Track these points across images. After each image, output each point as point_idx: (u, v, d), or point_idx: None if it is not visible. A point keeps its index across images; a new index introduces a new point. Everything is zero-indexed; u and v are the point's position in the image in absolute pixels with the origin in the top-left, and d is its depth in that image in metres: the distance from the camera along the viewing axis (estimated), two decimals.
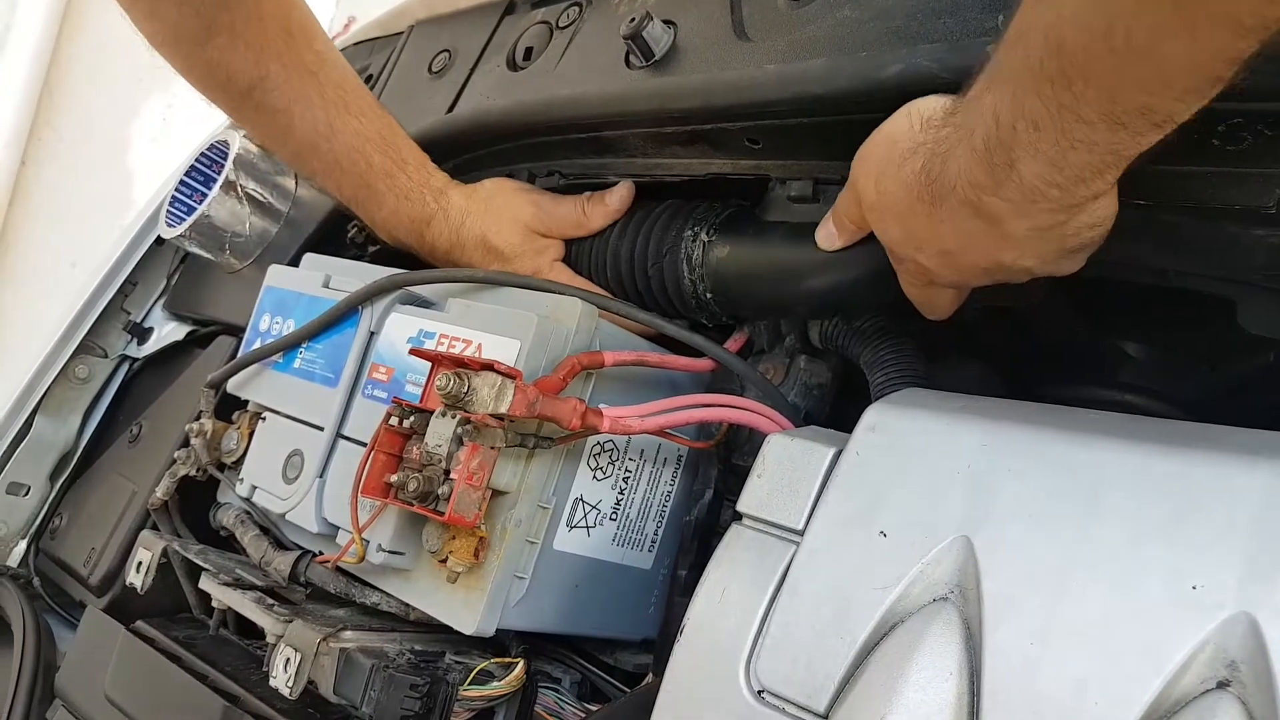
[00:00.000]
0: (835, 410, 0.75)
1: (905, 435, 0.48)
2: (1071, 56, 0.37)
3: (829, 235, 0.61)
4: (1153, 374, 0.72)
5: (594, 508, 0.69)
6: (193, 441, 0.84)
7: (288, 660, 0.64)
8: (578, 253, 0.80)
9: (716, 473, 0.76)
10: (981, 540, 0.43)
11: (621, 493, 0.70)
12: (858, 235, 0.59)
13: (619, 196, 0.76)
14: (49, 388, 1.08)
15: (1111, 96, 0.37)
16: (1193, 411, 0.69)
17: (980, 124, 0.42)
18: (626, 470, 0.70)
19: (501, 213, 0.79)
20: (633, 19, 0.65)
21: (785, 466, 0.51)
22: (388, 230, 0.83)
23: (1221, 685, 0.37)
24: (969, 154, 0.44)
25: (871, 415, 0.50)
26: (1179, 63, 0.35)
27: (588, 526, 0.68)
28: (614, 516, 0.70)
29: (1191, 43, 0.34)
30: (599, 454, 0.68)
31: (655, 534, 0.74)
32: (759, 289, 0.67)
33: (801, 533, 0.49)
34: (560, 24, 0.78)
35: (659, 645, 0.72)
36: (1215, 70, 0.35)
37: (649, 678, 0.70)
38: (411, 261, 0.86)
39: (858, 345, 0.69)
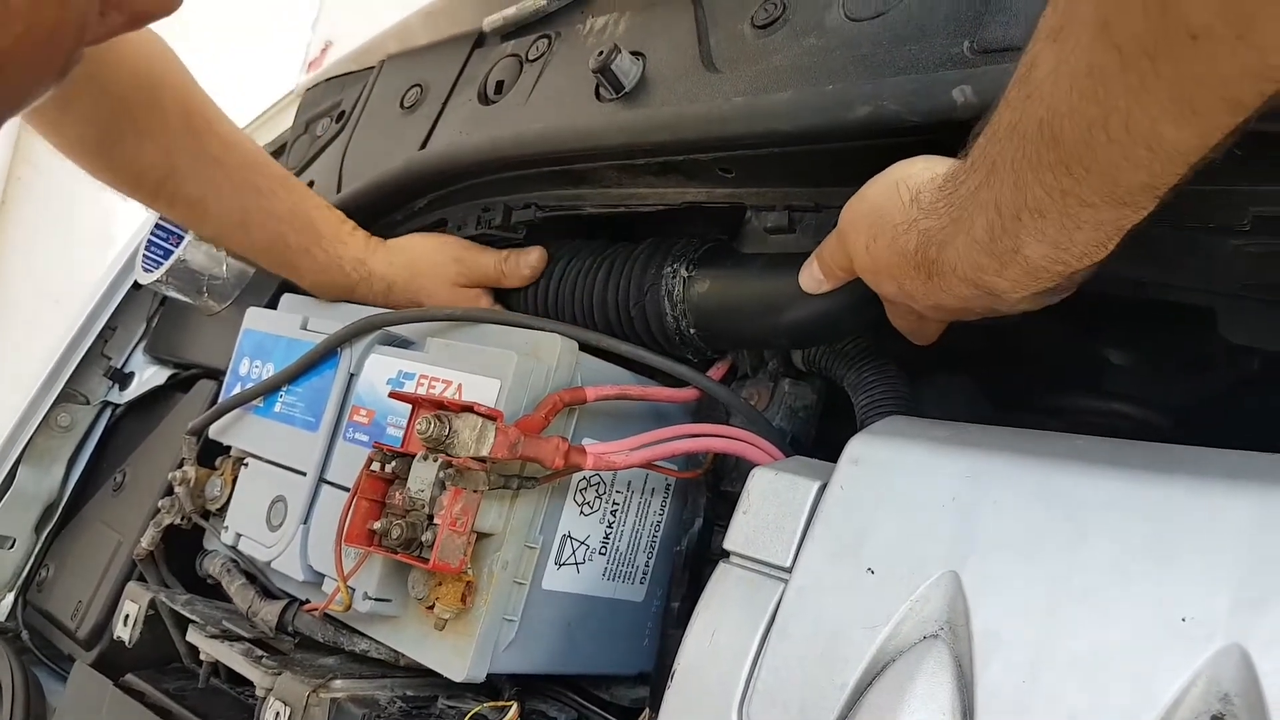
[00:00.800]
0: (821, 430, 0.75)
1: (889, 468, 0.48)
2: (1070, 148, 0.37)
3: (815, 281, 0.59)
4: (1136, 382, 0.71)
5: (582, 543, 0.68)
6: (176, 489, 0.83)
7: (278, 714, 0.63)
8: (552, 297, 0.79)
9: (705, 500, 0.76)
10: (969, 575, 0.43)
11: (610, 526, 0.70)
12: (845, 280, 0.58)
13: (536, 256, 0.80)
14: (32, 437, 1.07)
15: (1113, 180, 0.37)
16: (1177, 419, 0.69)
17: (981, 217, 0.42)
18: (614, 503, 0.70)
19: (426, 275, 0.82)
20: (601, 51, 0.65)
21: (770, 502, 0.51)
22: (321, 294, 0.86)
23: (1216, 719, 0.36)
24: (970, 243, 0.44)
25: (855, 447, 0.50)
26: (1177, 144, 0.35)
27: (577, 563, 0.68)
28: (603, 551, 0.70)
29: (1189, 126, 0.34)
30: (585, 489, 0.68)
31: (646, 566, 0.73)
32: (742, 321, 0.67)
33: (789, 570, 0.48)
34: (530, 56, 0.78)
35: (654, 679, 0.72)
36: (1214, 141, 0.35)
37: (645, 713, 0.69)
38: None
39: (841, 368, 0.68)
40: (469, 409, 0.58)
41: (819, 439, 0.74)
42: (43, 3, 0.35)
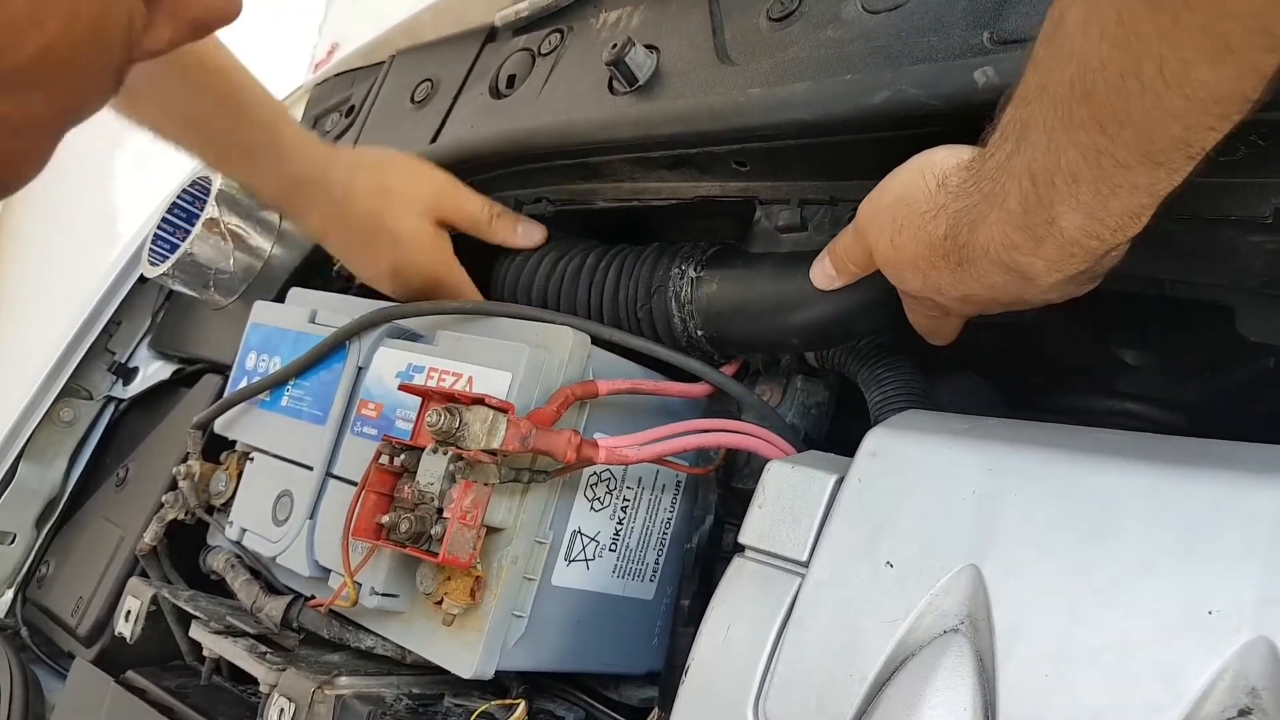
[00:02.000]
0: (834, 428, 0.74)
1: (908, 460, 0.47)
2: (1103, 101, 0.36)
3: (827, 276, 0.58)
4: (1151, 382, 0.71)
5: (593, 539, 0.67)
6: (180, 484, 0.82)
7: (282, 711, 0.62)
8: (555, 296, 0.77)
9: (716, 497, 0.75)
10: (990, 568, 0.42)
11: (620, 523, 0.69)
12: (858, 277, 0.57)
13: (540, 231, 0.75)
14: (33, 432, 1.06)
15: (1148, 135, 0.36)
16: (1194, 418, 0.69)
17: (1014, 187, 0.41)
18: (625, 499, 0.69)
19: (396, 192, 0.72)
20: (615, 45, 0.65)
21: (786, 496, 0.50)
22: (256, 181, 0.77)
23: (1243, 713, 0.35)
24: (1003, 218, 0.43)
25: (872, 440, 0.49)
26: (1212, 87, 0.34)
27: (587, 559, 0.67)
28: (613, 547, 0.69)
29: (1224, 66, 0.33)
30: (596, 484, 0.67)
31: (656, 563, 0.72)
32: (751, 322, 0.65)
33: (806, 564, 0.48)
34: (542, 51, 0.77)
35: (664, 679, 0.71)
36: (1247, 89, 0.34)
37: (655, 713, 0.69)
38: None
39: (855, 364, 0.68)
40: (480, 401, 0.58)
41: (832, 437, 0.74)
42: None
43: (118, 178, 2.80)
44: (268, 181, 0.74)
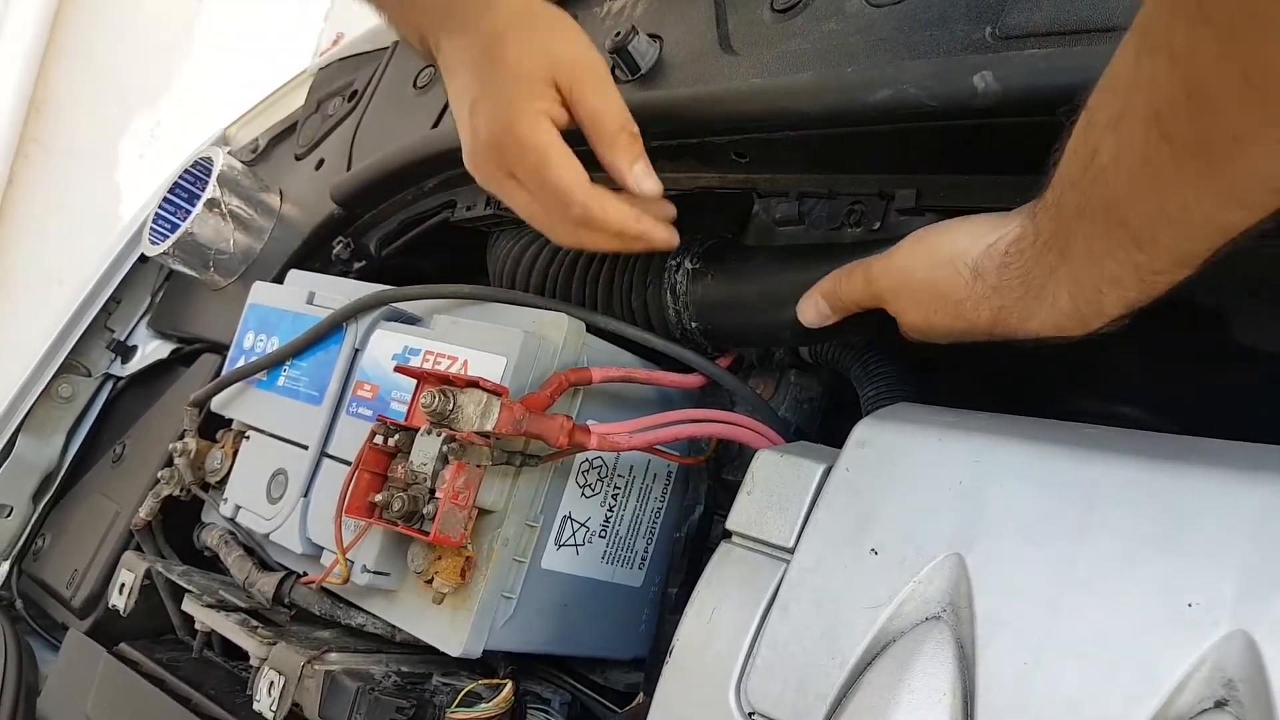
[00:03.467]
0: (826, 424, 0.75)
1: (896, 451, 0.48)
2: (1137, 229, 0.39)
3: (821, 316, 0.58)
4: (1142, 384, 0.71)
5: (583, 525, 0.68)
6: (176, 461, 0.83)
7: (272, 683, 0.63)
8: (551, 285, 0.76)
9: (706, 488, 0.75)
10: (974, 558, 0.42)
11: (610, 510, 0.70)
12: (852, 314, 0.57)
13: (652, 181, 0.60)
14: (32, 407, 1.07)
15: (1179, 251, 0.39)
16: (1184, 422, 0.69)
17: (1063, 291, 0.44)
18: (615, 487, 0.70)
19: (540, 30, 0.58)
20: (619, 32, 0.65)
21: (774, 483, 0.51)
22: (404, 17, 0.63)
23: (1219, 705, 0.36)
24: (1056, 314, 0.45)
25: (862, 430, 0.50)
26: (1237, 224, 0.37)
27: (576, 545, 0.67)
28: (603, 534, 0.69)
29: (1244, 211, 0.36)
30: (587, 471, 0.67)
31: (645, 551, 0.73)
32: (744, 316, 0.65)
33: (792, 551, 0.48)
34: None
35: (650, 664, 0.71)
36: (1270, 212, 0.37)
37: (640, 697, 0.69)
38: (399, 278, 0.85)
39: (848, 359, 0.68)
40: (474, 384, 0.58)
41: (824, 435, 0.74)
42: None
43: (121, 161, 2.80)
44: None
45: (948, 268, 0.49)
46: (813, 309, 0.59)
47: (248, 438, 0.79)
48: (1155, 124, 0.36)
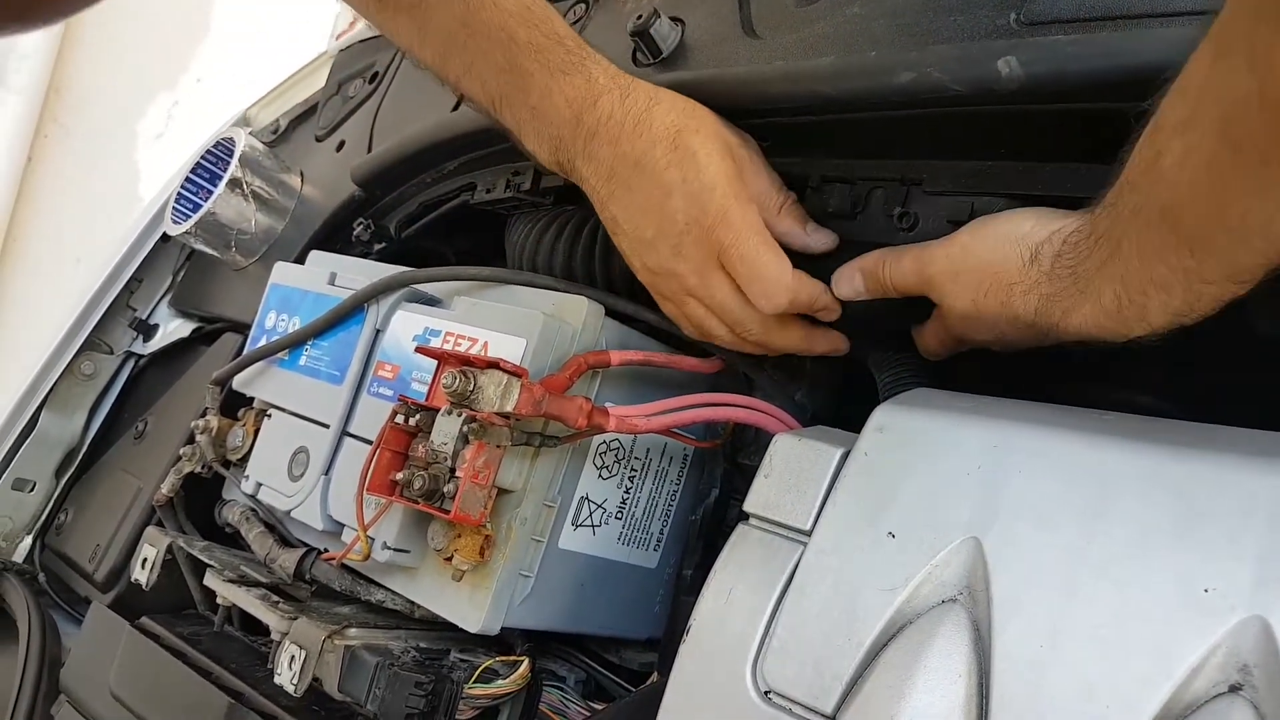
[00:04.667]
0: (843, 411, 0.75)
1: (914, 436, 0.48)
2: (1191, 233, 0.39)
3: (854, 290, 0.58)
4: (1160, 372, 0.71)
5: (599, 506, 0.68)
6: (198, 438, 0.84)
7: (293, 658, 0.64)
8: (563, 264, 0.77)
9: (722, 472, 0.76)
10: (991, 542, 0.43)
11: (627, 492, 0.70)
12: (888, 296, 0.57)
13: (827, 236, 0.61)
14: (55, 384, 1.08)
15: (1231, 264, 0.40)
16: (1201, 411, 0.69)
17: (1109, 288, 0.45)
18: (632, 469, 0.70)
19: (705, 119, 0.59)
20: (640, 16, 0.65)
21: (792, 467, 0.51)
22: (536, 131, 0.62)
23: (1234, 689, 0.36)
24: (1098, 311, 0.46)
25: (880, 415, 0.50)
26: None
27: (593, 525, 0.68)
28: (619, 515, 0.70)
29: None
30: (605, 453, 0.68)
31: (661, 533, 0.73)
32: None
33: (809, 533, 0.49)
34: (567, 21, 0.77)
35: (664, 644, 0.72)
36: None
37: (654, 677, 0.70)
38: (419, 260, 0.86)
39: (865, 346, 0.68)
40: (495, 365, 0.59)
41: (839, 422, 0.74)
42: None
43: (140, 141, 2.81)
44: (555, 105, 0.60)
45: (1009, 246, 0.49)
46: (848, 283, 0.59)
47: (269, 416, 0.80)
48: (1225, 129, 0.36)
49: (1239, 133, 0.35)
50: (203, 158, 1.02)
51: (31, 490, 1.08)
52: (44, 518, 1.08)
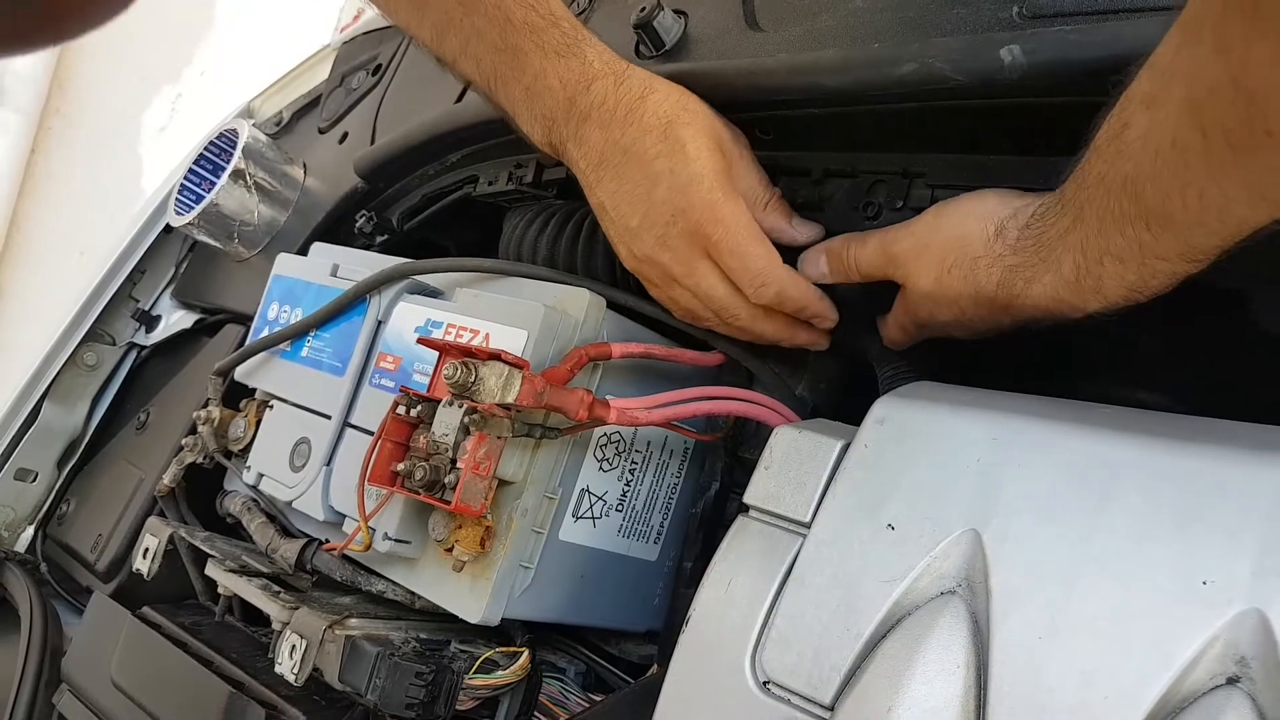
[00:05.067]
0: (843, 404, 0.75)
1: (914, 428, 0.48)
2: (1150, 206, 0.40)
3: (819, 273, 0.59)
4: (1161, 368, 0.71)
5: (600, 499, 0.68)
6: (200, 429, 0.84)
7: (293, 647, 0.64)
8: (567, 253, 0.77)
9: (723, 465, 0.76)
10: (990, 534, 0.43)
11: (628, 484, 0.70)
12: (852, 280, 0.59)
13: (812, 229, 0.62)
14: (57, 374, 1.08)
15: (1187, 241, 0.40)
16: (1201, 407, 0.69)
17: (1069, 258, 0.45)
18: (633, 462, 0.70)
19: (698, 112, 0.59)
20: (643, 8, 0.65)
21: (793, 459, 0.51)
22: (529, 111, 0.62)
23: (1231, 681, 0.36)
24: (1057, 280, 0.47)
25: (880, 408, 0.50)
26: (1248, 220, 0.38)
27: (593, 517, 0.68)
28: (620, 508, 0.70)
29: (1258, 208, 0.37)
30: (605, 445, 0.68)
31: (661, 526, 0.74)
32: None
33: (808, 525, 0.49)
34: (570, 11, 0.77)
35: (664, 636, 0.72)
36: (1275, 217, 0.38)
37: (653, 669, 0.70)
38: (421, 251, 0.86)
39: (866, 338, 0.68)
40: (496, 357, 0.59)
41: (840, 415, 0.74)
42: None
43: (143, 133, 2.81)
44: (549, 86, 0.60)
45: (974, 221, 0.50)
46: (813, 266, 0.60)
47: (271, 407, 0.81)
48: (1191, 111, 0.36)
49: (1207, 116, 0.36)
50: (206, 149, 1.02)
51: (34, 480, 1.09)
52: (46, 508, 1.09)
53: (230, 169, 0.97)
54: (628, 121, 0.58)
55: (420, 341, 0.64)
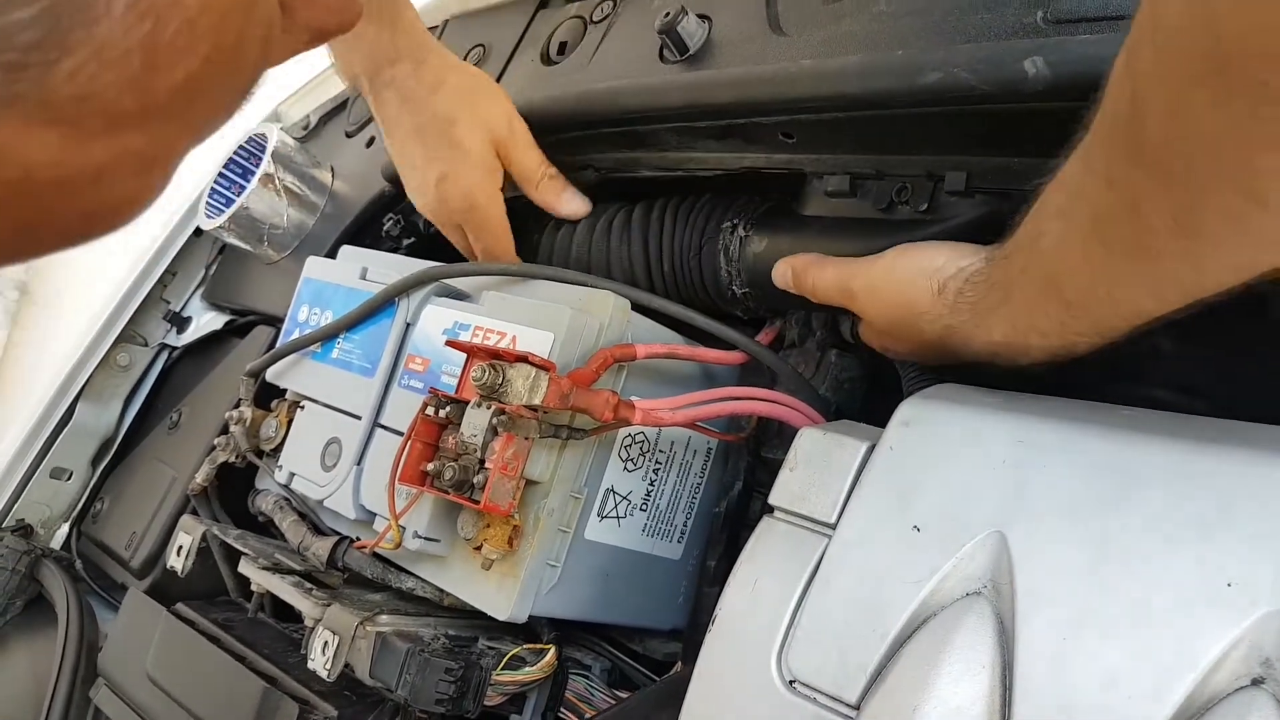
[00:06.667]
0: (867, 405, 0.75)
1: (940, 430, 0.49)
2: (1068, 298, 0.45)
3: (784, 283, 0.65)
4: (1181, 369, 0.71)
5: (625, 498, 0.69)
6: (232, 429, 0.86)
7: (326, 643, 0.66)
8: (599, 244, 0.79)
9: (746, 465, 0.77)
10: (1016, 535, 0.43)
11: (652, 484, 0.71)
12: (809, 299, 0.64)
13: (581, 202, 0.79)
14: (91, 375, 1.10)
15: (1101, 324, 0.45)
16: (1223, 408, 0.68)
17: (999, 327, 0.50)
18: (657, 462, 0.71)
19: (479, 106, 0.73)
20: (667, 13, 0.66)
21: (818, 460, 0.52)
22: (344, 61, 0.75)
23: (1256, 683, 0.37)
24: (991, 344, 0.51)
25: (906, 410, 0.51)
26: (1153, 310, 0.42)
27: (618, 517, 0.69)
28: (644, 507, 0.71)
29: (1163, 301, 0.41)
30: (630, 446, 0.69)
31: (685, 525, 0.74)
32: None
33: (834, 526, 0.49)
34: (594, 18, 0.78)
35: (688, 635, 0.73)
36: (1183, 304, 0.41)
37: (678, 666, 0.71)
38: (448, 254, 0.87)
39: None
40: (523, 359, 0.60)
41: (863, 418, 0.75)
42: (228, 19, 0.29)
43: None
44: (361, 49, 0.71)
45: (923, 279, 0.54)
46: (780, 275, 0.65)
47: (302, 408, 0.82)
48: (1094, 227, 0.41)
49: (1107, 232, 0.40)
50: (235, 153, 1.04)
51: (69, 479, 1.11)
52: (81, 506, 1.11)
53: (260, 173, 0.98)
54: (418, 109, 0.72)
55: (448, 344, 0.65)
